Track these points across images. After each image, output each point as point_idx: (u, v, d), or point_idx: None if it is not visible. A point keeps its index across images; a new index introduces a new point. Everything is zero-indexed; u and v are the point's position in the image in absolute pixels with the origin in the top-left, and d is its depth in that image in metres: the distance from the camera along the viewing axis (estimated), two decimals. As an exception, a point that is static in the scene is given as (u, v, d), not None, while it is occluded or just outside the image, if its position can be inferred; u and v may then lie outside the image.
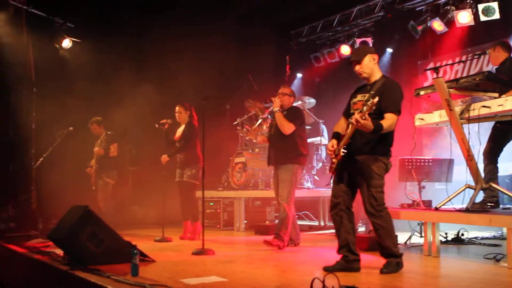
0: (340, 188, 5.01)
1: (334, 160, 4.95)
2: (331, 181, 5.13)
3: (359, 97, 5.02)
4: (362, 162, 4.85)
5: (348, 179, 4.98)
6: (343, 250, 4.99)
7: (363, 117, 4.43)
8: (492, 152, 6.33)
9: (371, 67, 5.06)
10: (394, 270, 4.73)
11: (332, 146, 4.94)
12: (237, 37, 11.80)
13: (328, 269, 4.73)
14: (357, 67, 5.07)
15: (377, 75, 5.07)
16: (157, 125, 8.35)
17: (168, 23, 11.27)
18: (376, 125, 4.53)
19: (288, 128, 6.84)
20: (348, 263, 4.93)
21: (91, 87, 10.50)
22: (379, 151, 4.85)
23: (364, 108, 4.44)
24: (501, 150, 6.37)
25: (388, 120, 4.70)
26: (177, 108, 8.35)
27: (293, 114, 7.00)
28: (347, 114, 5.10)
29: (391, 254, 4.82)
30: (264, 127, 8.96)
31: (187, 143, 8.17)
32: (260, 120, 9.10)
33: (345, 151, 4.82)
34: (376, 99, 4.47)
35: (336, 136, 5.04)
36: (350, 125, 4.78)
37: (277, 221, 7.40)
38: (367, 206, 4.85)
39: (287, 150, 6.85)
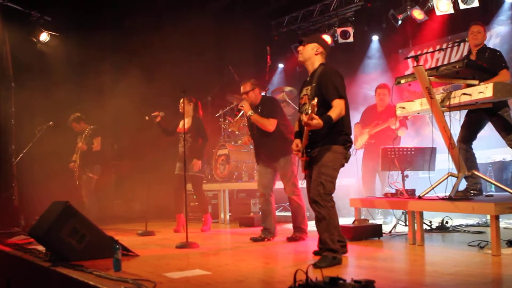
0: (308, 184, 5.08)
1: (301, 159, 5.02)
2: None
3: (304, 91, 5.13)
4: (319, 152, 4.87)
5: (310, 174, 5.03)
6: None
7: (311, 118, 4.45)
8: (467, 140, 6.37)
9: (310, 55, 5.10)
10: (330, 264, 4.56)
11: (297, 146, 5.03)
12: (217, 28, 11.75)
13: (318, 253, 4.93)
14: (300, 48, 5.16)
15: (316, 65, 5.10)
16: (147, 117, 8.24)
17: (149, 16, 11.19)
18: (325, 120, 4.57)
19: (270, 125, 6.60)
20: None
21: (70, 81, 10.39)
22: (334, 141, 4.85)
23: (309, 110, 4.47)
24: (475, 137, 6.41)
25: (335, 108, 4.74)
26: (181, 100, 8.29)
27: (269, 108, 6.74)
28: (301, 110, 5.20)
29: (328, 249, 4.73)
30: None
31: (197, 137, 8.20)
32: (242, 112, 9.05)
33: (309, 151, 4.90)
34: (315, 100, 4.47)
35: (299, 135, 5.12)
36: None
37: (262, 216, 7.33)
38: (313, 193, 4.81)
39: (278, 146, 6.63)
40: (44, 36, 10.55)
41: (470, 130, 6.40)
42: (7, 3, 9.58)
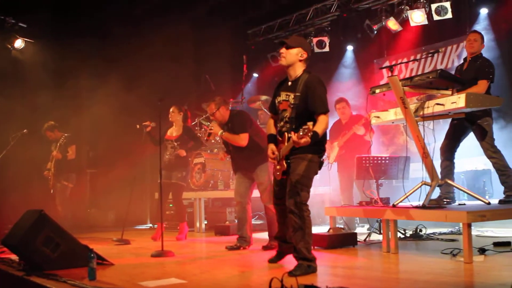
0: (280, 190, 5.13)
1: (278, 167, 5.03)
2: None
3: (283, 95, 5.04)
4: (294, 161, 4.87)
5: (286, 181, 4.98)
6: (279, 238, 5.46)
7: (301, 137, 4.47)
8: (449, 148, 6.46)
9: (294, 60, 4.97)
10: (305, 272, 4.57)
11: (273, 153, 5.05)
12: (195, 36, 11.76)
13: (272, 261, 5.41)
14: (283, 50, 5.00)
15: (298, 71, 5.00)
16: (138, 126, 8.23)
17: (127, 24, 11.16)
18: (313, 137, 4.54)
19: (242, 139, 6.61)
20: (283, 249, 5.40)
21: (46, 88, 10.31)
22: (311, 150, 4.83)
23: (301, 131, 4.46)
24: (457, 146, 6.50)
25: (321, 124, 4.74)
26: (171, 108, 8.29)
27: (238, 123, 6.73)
28: (274, 111, 5.24)
29: (302, 257, 4.73)
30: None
31: (186, 145, 8.23)
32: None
33: (289, 161, 4.91)
34: (311, 125, 4.44)
35: (272, 138, 5.14)
36: (286, 135, 4.88)
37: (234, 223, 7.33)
38: (290, 203, 4.80)
39: (254, 156, 6.65)
40: (19, 43, 10.48)
41: (453, 139, 6.49)
42: (-19, 9, 9.51)
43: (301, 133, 4.46)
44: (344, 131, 8.32)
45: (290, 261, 5.16)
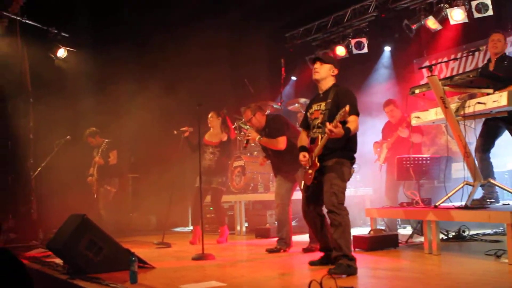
0: (311, 196, 5.29)
1: (310, 171, 5.17)
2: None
3: (315, 107, 5.30)
4: (328, 166, 5.06)
5: (316, 185, 5.15)
6: (324, 250, 5.41)
7: (336, 126, 4.66)
8: (485, 148, 6.33)
9: (326, 74, 5.27)
10: (344, 272, 4.65)
11: (304, 157, 5.21)
12: (232, 41, 11.83)
13: (313, 263, 5.31)
14: (317, 65, 5.28)
15: (329, 84, 5.29)
16: (176, 132, 8.32)
17: (164, 30, 11.32)
18: (346, 130, 4.75)
19: (280, 143, 6.63)
20: (330, 258, 5.13)
21: (87, 95, 10.52)
22: (343, 156, 5.08)
23: (337, 117, 4.71)
24: (493, 145, 6.37)
25: (353, 123, 4.90)
26: (210, 114, 8.37)
27: (275, 127, 6.76)
28: (306, 126, 5.45)
29: (343, 255, 4.81)
30: None
31: (224, 153, 8.29)
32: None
33: (320, 162, 5.06)
34: (348, 107, 4.68)
35: (303, 149, 5.31)
36: (320, 136, 5.05)
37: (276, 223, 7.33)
38: (328, 203, 4.98)
39: (294, 157, 6.49)
40: (61, 52, 10.73)
41: (488, 138, 6.36)
42: (26, 20, 9.75)
43: (337, 117, 4.70)
44: (393, 132, 8.25)
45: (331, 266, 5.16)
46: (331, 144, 4.99)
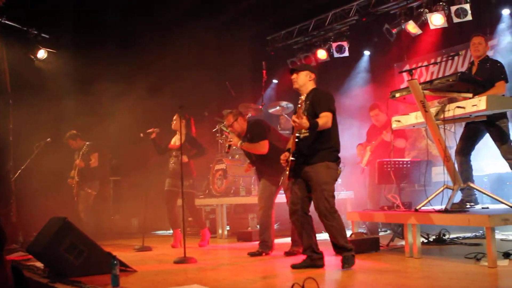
0: (297, 195, 5.47)
1: (287, 168, 5.39)
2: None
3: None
4: (314, 170, 5.29)
5: (303, 186, 5.42)
6: (307, 251, 5.47)
7: (299, 117, 4.97)
8: (465, 151, 6.42)
9: (305, 81, 5.55)
10: (352, 262, 5.20)
11: (285, 156, 5.46)
12: (214, 44, 11.83)
13: (295, 266, 5.38)
14: (294, 76, 5.60)
15: (309, 89, 5.54)
16: (142, 135, 8.25)
17: (147, 32, 11.28)
18: (311, 123, 5.05)
19: (262, 147, 6.65)
20: (313, 261, 5.40)
21: (68, 97, 10.45)
22: (328, 158, 5.33)
23: (300, 109, 5.08)
24: (473, 148, 6.46)
25: (322, 118, 5.19)
26: (174, 116, 8.26)
27: (256, 132, 6.79)
28: (293, 131, 5.52)
29: (346, 249, 5.24)
30: None
31: (190, 153, 8.16)
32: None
33: (293, 158, 5.27)
34: (304, 96, 5.25)
35: (287, 150, 5.51)
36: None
37: (258, 227, 7.35)
38: (321, 209, 5.24)
39: (278, 160, 6.59)
40: (41, 53, 10.63)
41: (468, 141, 6.45)
42: (5, 20, 9.64)
43: (301, 111, 5.05)
44: (377, 136, 8.31)
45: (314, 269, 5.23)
46: (314, 144, 5.26)
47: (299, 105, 5.17)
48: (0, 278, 2.89)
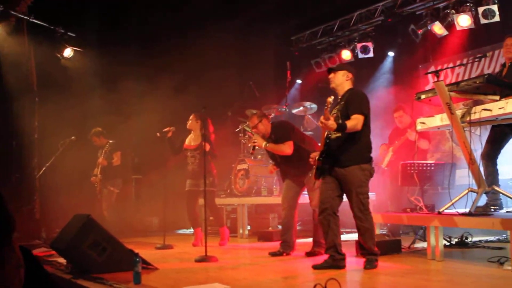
0: (329, 195, 5.46)
1: (314, 167, 5.51)
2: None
3: (334, 111, 5.55)
4: (350, 172, 5.34)
5: (336, 186, 5.44)
6: (330, 250, 5.45)
7: (326, 118, 5.05)
8: (491, 155, 6.32)
9: (341, 81, 5.58)
10: (374, 266, 5.27)
11: (314, 155, 5.54)
12: (238, 44, 11.84)
13: (316, 267, 5.38)
14: (331, 75, 5.64)
15: (345, 88, 5.58)
16: (159, 134, 8.30)
17: (172, 32, 11.33)
18: (339, 124, 5.13)
19: (287, 148, 6.60)
20: (335, 261, 5.39)
21: (93, 95, 10.52)
22: (362, 160, 5.37)
23: (327, 111, 5.13)
24: (499, 152, 6.35)
25: (352, 120, 5.23)
26: (190, 116, 8.30)
27: (280, 133, 6.74)
28: None
29: (371, 253, 5.36)
30: None
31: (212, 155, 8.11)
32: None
33: (321, 158, 5.37)
34: (331, 98, 5.20)
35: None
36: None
37: (280, 227, 7.33)
38: (356, 211, 5.35)
39: (303, 161, 6.49)
40: (68, 52, 10.72)
41: (494, 145, 6.34)
42: (33, 19, 9.77)
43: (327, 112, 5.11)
44: (400, 137, 8.26)
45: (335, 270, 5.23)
46: (345, 145, 5.31)
47: (326, 106, 5.16)
48: (13, 260, 3.02)
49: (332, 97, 5.34)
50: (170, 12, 11.35)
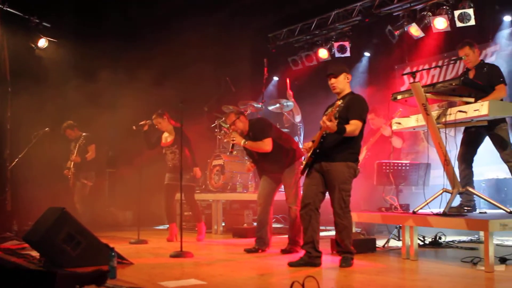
0: (312, 190, 5.49)
1: (303, 163, 5.57)
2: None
3: (329, 109, 5.52)
4: (335, 168, 5.38)
5: (320, 182, 5.48)
6: (307, 246, 5.46)
7: (329, 119, 5.06)
8: (467, 157, 6.42)
9: (344, 84, 5.60)
10: (350, 264, 5.33)
11: (308, 145, 5.59)
12: (216, 39, 11.80)
13: (292, 264, 5.42)
14: (333, 80, 5.60)
15: (346, 91, 5.61)
16: (134, 127, 8.25)
17: (149, 26, 11.24)
18: (339, 128, 5.15)
19: (266, 145, 6.58)
20: (311, 258, 5.42)
21: (68, 87, 10.38)
22: (349, 158, 5.42)
23: (329, 110, 5.21)
24: (475, 153, 6.46)
25: (351, 125, 5.30)
26: (153, 117, 8.25)
27: (259, 130, 6.72)
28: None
29: (348, 251, 5.42)
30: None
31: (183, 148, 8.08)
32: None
33: (313, 156, 5.42)
34: (341, 101, 5.24)
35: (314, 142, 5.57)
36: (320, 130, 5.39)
37: (257, 226, 7.33)
38: (336, 208, 5.39)
39: (280, 158, 6.64)
40: (42, 42, 10.54)
41: (470, 147, 6.45)
42: (7, 8, 9.58)
43: (329, 110, 5.14)
44: (373, 135, 8.35)
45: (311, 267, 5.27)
46: (338, 144, 5.34)
47: (333, 108, 5.20)
48: None
49: (342, 100, 5.38)
50: (147, 5, 11.27)
